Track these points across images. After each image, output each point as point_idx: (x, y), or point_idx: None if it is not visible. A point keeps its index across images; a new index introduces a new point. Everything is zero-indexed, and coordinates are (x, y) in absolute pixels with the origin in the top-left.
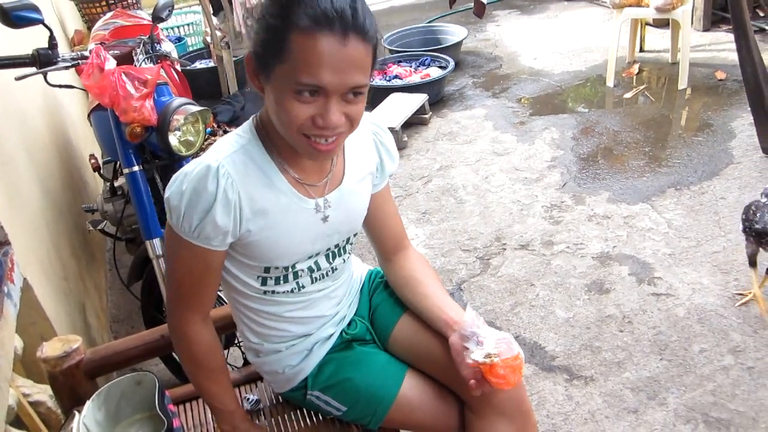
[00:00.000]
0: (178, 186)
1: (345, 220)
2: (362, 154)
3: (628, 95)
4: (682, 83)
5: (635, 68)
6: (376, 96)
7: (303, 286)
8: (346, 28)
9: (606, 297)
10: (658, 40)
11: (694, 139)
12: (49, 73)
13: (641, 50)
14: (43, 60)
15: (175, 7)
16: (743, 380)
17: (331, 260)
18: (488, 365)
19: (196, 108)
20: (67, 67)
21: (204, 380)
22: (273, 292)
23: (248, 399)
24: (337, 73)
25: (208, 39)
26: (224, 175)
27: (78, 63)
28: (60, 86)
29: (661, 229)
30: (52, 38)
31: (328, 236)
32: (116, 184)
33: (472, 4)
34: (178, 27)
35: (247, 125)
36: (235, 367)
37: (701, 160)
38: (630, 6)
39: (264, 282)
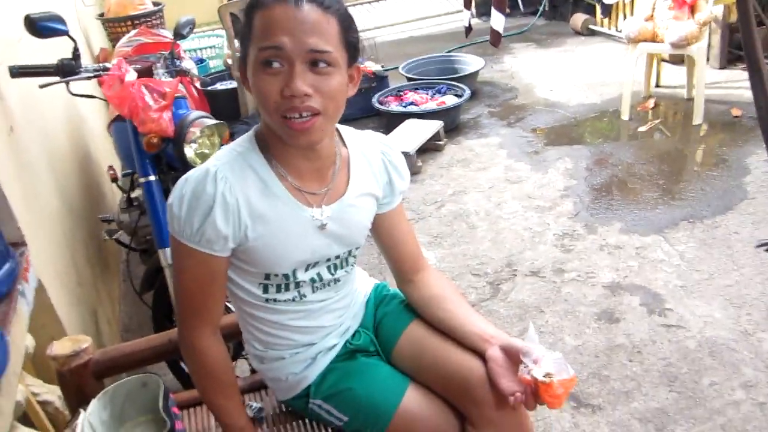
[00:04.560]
0: (179, 191)
1: (345, 232)
2: (369, 172)
3: (642, 129)
4: (697, 119)
5: (650, 103)
6: (392, 121)
7: (304, 295)
8: None
9: (616, 326)
10: (674, 75)
11: (708, 174)
12: (71, 83)
13: (657, 85)
14: (66, 69)
15: (199, 30)
16: (754, 416)
17: (333, 271)
18: (546, 384)
19: (212, 121)
20: (89, 78)
21: (215, 395)
22: (275, 300)
23: (251, 406)
24: (293, 33)
25: (229, 61)
26: (222, 179)
27: (100, 74)
28: (82, 96)
29: (673, 261)
30: (75, 49)
31: (326, 246)
32: (132, 195)
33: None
34: (200, 49)
35: (247, 135)
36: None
37: (715, 195)
38: (645, 41)
39: (265, 289)
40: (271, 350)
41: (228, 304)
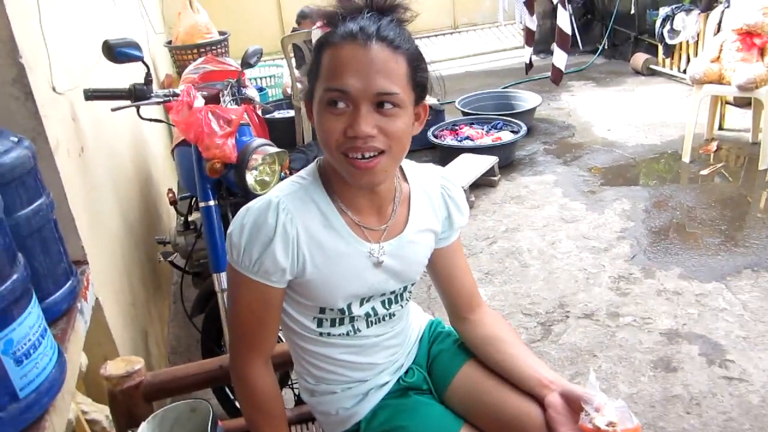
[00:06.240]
0: (240, 220)
1: (402, 268)
2: (428, 208)
3: (704, 172)
4: (763, 164)
5: (713, 146)
6: (447, 155)
7: (359, 330)
8: (368, 37)
9: (673, 376)
10: (738, 118)
11: None
12: (141, 107)
13: (720, 128)
14: (138, 94)
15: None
16: None
17: (387, 306)
18: None
19: (274, 149)
20: (159, 103)
21: (263, 427)
22: (329, 334)
23: None
24: (360, 76)
25: (288, 90)
26: (284, 210)
27: (169, 99)
28: (150, 120)
29: (735, 311)
30: (148, 75)
31: (383, 281)
32: (190, 218)
33: (549, 73)
34: (260, 78)
35: (310, 168)
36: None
37: None
38: (711, 83)
39: (320, 323)
40: (324, 384)
41: (279, 333)
